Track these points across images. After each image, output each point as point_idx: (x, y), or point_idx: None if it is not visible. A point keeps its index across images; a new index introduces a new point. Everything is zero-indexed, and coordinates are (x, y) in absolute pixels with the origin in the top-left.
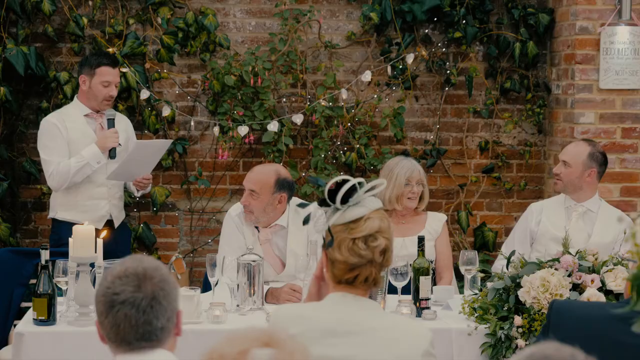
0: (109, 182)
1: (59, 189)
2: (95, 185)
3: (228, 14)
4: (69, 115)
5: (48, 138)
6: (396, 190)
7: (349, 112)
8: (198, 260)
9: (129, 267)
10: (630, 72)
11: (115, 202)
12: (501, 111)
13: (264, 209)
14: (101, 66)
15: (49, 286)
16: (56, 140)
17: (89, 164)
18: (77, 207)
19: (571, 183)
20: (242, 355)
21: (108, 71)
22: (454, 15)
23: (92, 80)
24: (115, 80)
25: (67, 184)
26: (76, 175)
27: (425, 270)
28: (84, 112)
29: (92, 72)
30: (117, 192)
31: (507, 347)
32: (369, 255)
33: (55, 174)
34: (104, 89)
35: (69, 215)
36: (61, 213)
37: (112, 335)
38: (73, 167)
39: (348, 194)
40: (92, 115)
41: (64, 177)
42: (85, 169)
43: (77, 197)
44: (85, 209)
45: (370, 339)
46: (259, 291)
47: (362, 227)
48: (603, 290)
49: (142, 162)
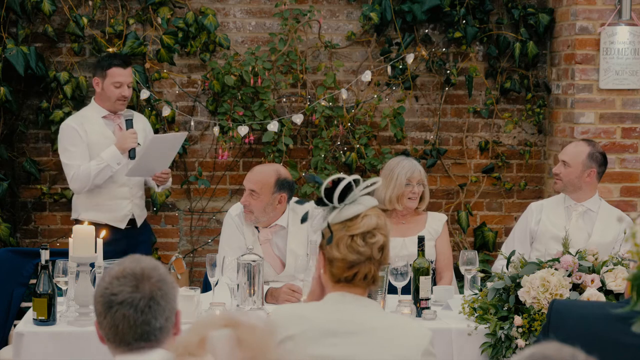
0: (130, 182)
1: (81, 191)
2: (118, 185)
3: (228, 14)
4: (87, 118)
5: (68, 142)
6: (397, 190)
7: (349, 112)
8: (198, 260)
9: (127, 267)
10: (630, 72)
11: (137, 202)
12: (501, 111)
13: (264, 209)
14: (112, 67)
15: (49, 286)
16: (76, 144)
17: (109, 166)
18: (100, 207)
19: (571, 183)
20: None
21: (119, 72)
22: (454, 15)
23: (104, 81)
24: (127, 80)
25: (88, 186)
26: (97, 178)
27: (425, 270)
28: (102, 114)
29: (103, 74)
30: (138, 192)
31: (507, 347)
32: (367, 252)
33: (76, 178)
34: (116, 89)
35: (91, 215)
36: (84, 214)
37: (111, 336)
38: (93, 170)
39: (344, 192)
40: (109, 117)
41: (85, 180)
42: (106, 170)
43: (99, 197)
44: (107, 209)
45: (370, 339)
46: (259, 291)
47: (359, 224)
48: (603, 290)
49: (159, 156)
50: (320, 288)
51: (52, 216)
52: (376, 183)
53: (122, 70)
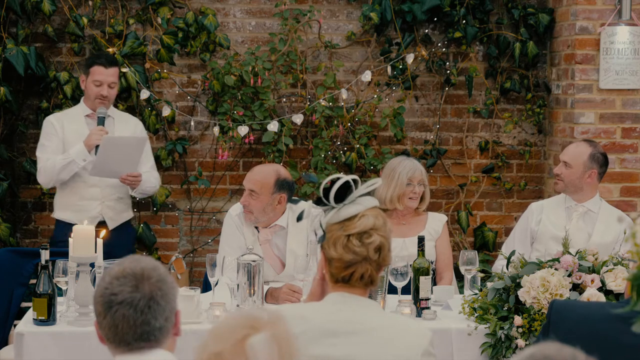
0: (102, 183)
1: (47, 185)
2: (88, 185)
3: (228, 14)
4: (69, 115)
5: (44, 137)
6: (398, 189)
7: (349, 112)
8: (198, 260)
9: (127, 268)
10: (630, 72)
11: (109, 204)
12: (501, 111)
13: (263, 209)
14: (94, 65)
15: (49, 286)
16: (51, 139)
17: (74, 161)
18: (71, 207)
19: (572, 184)
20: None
21: (100, 70)
22: (454, 15)
23: (87, 79)
24: (107, 80)
25: (53, 181)
26: (62, 173)
27: (425, 270)
28: (85, 113)
29: (87, 72)
30: (113, 194)
31: (507, 347)
32: (363, 252)
33: (42, 171)
34: (95, 88)
35: (64, 215)
36: (58, 212)
37: (111, 336)
38: (58, 164)
39: (343, 192)
40: (92, 116)
41: (50, 174)
42: (71, 166)
43: (70, 197)
44: (77, 208)
45: (370, 339)
46: (259, 291)
47: (356, 224)
48: (603, 290)
49: (119, 158)
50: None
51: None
52: (376, 183)
53: (104, 69)
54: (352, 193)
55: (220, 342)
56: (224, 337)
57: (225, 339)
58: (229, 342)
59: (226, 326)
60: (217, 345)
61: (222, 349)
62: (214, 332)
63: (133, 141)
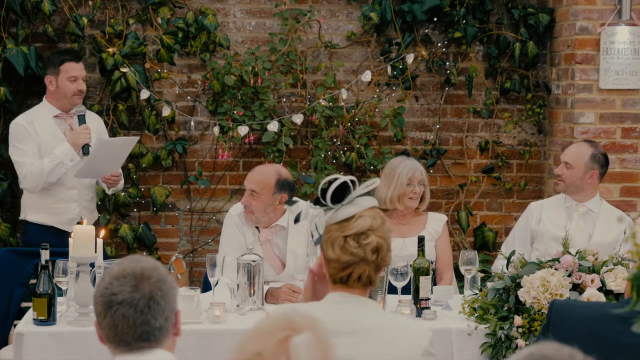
0: (79, 185)
1: (34, 190)
2: (66, 188)
3: (228, 14)
4: (37, 117)
5: (18, 140)
6: (398, 190)
7: (349, 112)
8: (198, 260)
9: (127, 268)
10: (630, 72)
11: (85, 204)
12: (501, 111)
13: (264, 209)
14: (65, 62)
15: (49, 286)
16: (26, 142)
17: (63, 163)
18: (47, 209)
19: (573, 184)
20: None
21: (72, 66)
22: (454, 15)
23: (59, 78)
24: (81, 74)
25: (42, 184)
26: (50, 175)
27: (425, 270)
28: (53, 113)
29: (56, 71)
30: (87, 194)
31: (507, 347)
32: (360, 253)
33: (29, 175)
34: (71, 84)
35: (39, 217)
36: (31, 215)
37: (111, 336)
38: (47, 167)
39: (341, 193)
40: (61, 116)
41: (39, 178)
42: (59, 167)
43: (47, 199)
44: (55, 211)
45: (370, 339)
46: (259, 291)
47: (352, 225)
48: (603, 290)
49: (108, 159)
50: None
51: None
52: (374, 184)
53: (75, 64)
54: (350, 194)
55: (261, 341)
56: (265, 337)
57: (266, 339)
58: (271, 341)
59: (266, 327)
60: (258, 345)
61: (264, 349)
62: (253, 333)
63: (124, 142)
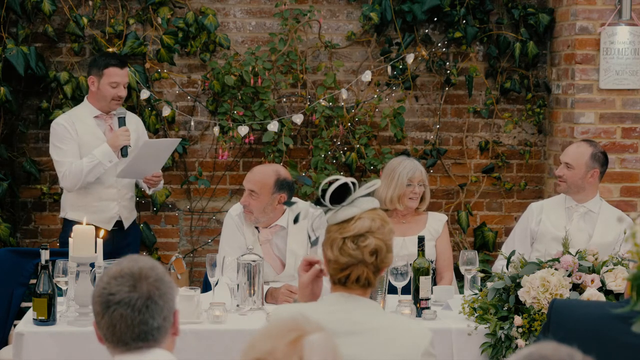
0: (118, 184)
1: (72, 189)
2: (105, 186)
3: (228, 14)
4: (78, 117)
5: (59, 140)
6: (398, 190)
7: (349, 112)
8: (198, 260)
9: (125, 267)
10: (630, 72)
11: (125, 204)
12: (501, 111)
13: (263, 209)
14: (109, 67)
15: (49, 286)
16: (67, 142)
17: (101, 163)
18: (87, 207)
19: (575, 184)
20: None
21: (116, 72)
22: (454, 15)
23: (101, 81)
24: (123, 80)
25: (80, 184)
26: (89, 175)
27: (425, 270)
28: (94, 114)
29: (100, 74)
30: (127, 193)
31: (507, 347)
32: (358, 255)
33: (68, 175)
34: (112, 89)
35: (79, 215)
36: (71, 213)
37: (109, 336)
38: (85, 167)
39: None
40: (101, 116)
41: (77, 177)
42: (98, 168)
43: (86, 198)
44: (94, 209)
45: (370, 339)
46: (258, 291)
47: (351, 226)
48: (603, 290)
49: (151, 160)
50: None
51: (52, 216)
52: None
53: (119, 70)
54: (350, 195)
55: (273, 340)
56: (276, 338)
57: (277, 339)
58: (282, 341)
59: (276, 328)
60: (270, 344)
61: (275, 347)
62: (263, 334)
63: (168, 144)
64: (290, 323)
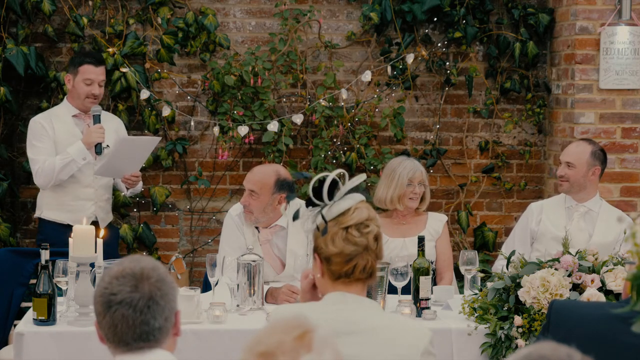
0: (95, 184)
1: (45, 186)
2: (82, 185)
3: (228, 14)
4: (57, 116)
5: (35, 137)
6: (398, 190)
7: (349, 112)
8: (198, 260)
9: (127, 267)
10: (630, 72)
11: (101, 204)
12: (501, 111)
13: (263, 209)
14: (84, 64)
15: (49, 286)
16: (43, 140)
17: (74, 161)
18: (63, 207)
19: (577, 183)
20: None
21: (90, 69)
22: (454, 15)
23: (75, 78)
24: (97, 78)
25: (53, 181)
26: (62, 173)
27: (425, 270)
28: (72, 113)
29: (75, 71)
30: (104, 194)
31: (507, 347)
32: (364, 242)
33: (40, 172)
34: (86, 87)
35: (54, 215)
36: (47, 212)
37: (110, 336)
38: (58, 164)
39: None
40: (79, 115)
41: (50, 175)
42: (71, 165)
43: (63, 197)
44: (70, 209)
45: (370, 339)
46: (259, 291)
47: (351, 216)
48: (603, 290)
49: (130, 158)
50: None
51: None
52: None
53: (94, 67)
54: (339, 189)
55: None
56: (282, 332)
57: (284, 334)
58: (289, 336)
59: (281, 324)
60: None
61: (282, 341)
62: (268, 330)
63: (146, 142)
64: (294, 321)
